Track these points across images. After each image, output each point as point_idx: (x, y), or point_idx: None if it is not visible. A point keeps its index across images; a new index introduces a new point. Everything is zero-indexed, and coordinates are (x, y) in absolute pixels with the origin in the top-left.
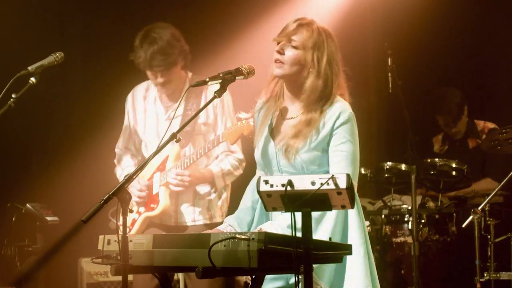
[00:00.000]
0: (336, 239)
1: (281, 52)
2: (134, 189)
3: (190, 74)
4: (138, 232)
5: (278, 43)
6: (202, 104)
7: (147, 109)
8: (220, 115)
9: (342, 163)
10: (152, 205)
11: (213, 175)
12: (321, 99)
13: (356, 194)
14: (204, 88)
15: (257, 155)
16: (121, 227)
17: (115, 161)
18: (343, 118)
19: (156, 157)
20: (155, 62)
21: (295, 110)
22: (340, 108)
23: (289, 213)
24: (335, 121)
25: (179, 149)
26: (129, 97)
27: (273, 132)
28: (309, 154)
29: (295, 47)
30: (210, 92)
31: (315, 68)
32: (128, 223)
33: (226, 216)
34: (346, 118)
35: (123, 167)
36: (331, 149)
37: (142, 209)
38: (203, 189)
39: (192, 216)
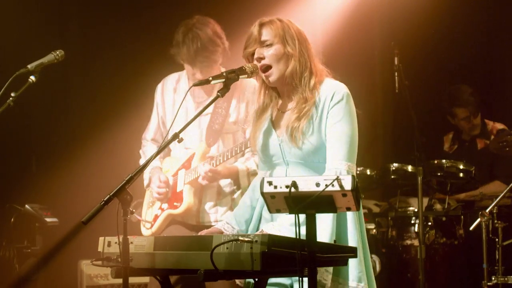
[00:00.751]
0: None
1: (261, 57)
2: (154, 185)
3: (223, 69)
4: (160, 228)
5: (251, 55)
6: (234, 101)
7: (176, 102)
8: (251, 114)
9: (336, 144)
10: (175, 203)
11: (238, 172)
12: (305, 78)
13: None
14: (236, 85)
15: (258, 150)
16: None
17: (141, 151)
18: (337, 98)
19: (183, 153)
20: (199, 59)
21: (291, 103)
22: (334, 87)
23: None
24: (330, 101)
25: (205, 147)
26: (159, 88)
27: (274, 125)
28: (315, 136)
29: (270, 45)
30: (242, 89)
31: (293, 52)
32: (151, 218)
33: None
34: (340, 97)
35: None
36: (326, 130)
37: (165, 205)
38: (227, 188)
39: (215, 216)
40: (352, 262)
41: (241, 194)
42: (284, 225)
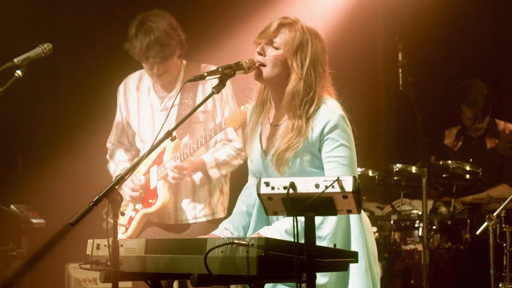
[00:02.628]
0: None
1: (262, 53)
2: (126, 187)
3: (184, 61)
4: (136, 231)
5: (258, 45)
6: (199, 94)
7: (140, 99)
8: (219, 102)
9: (337, 169)
10: (150, 200)
11: (205, 165)
12: (306, 104)
13: None
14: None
15: (251, 165)
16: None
17: (107, 156)
18: (332, 123)
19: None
20: (151, 53)
21: (281, 116)
22: (328, 112)
23: (286, 217)
24: (324, 127)
25: (176, 140)
26: (121, 87)
27: (261, 140)
28: (300, 166)
29: (276, 48)
30: (207, 82)
31: (298, 71)
32: (125, 221)
33: (228, 211)
34: (336, 122)
35: (117, 162)
36: (323, 156)
37: (139, 205)
38: (202, 183)
39: (192, 213)
40: (356, 271)
41: (218, 188)
42: (279, 230)
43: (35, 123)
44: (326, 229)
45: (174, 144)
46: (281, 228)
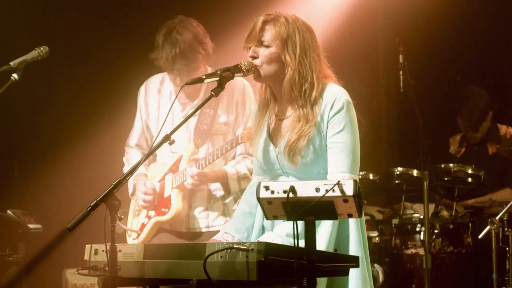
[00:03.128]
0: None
1: (255, 56)
2: (139, 192)
3: (209, 69)
4: (148, 237)
5: (249, 49)
6: (224, 100)
7: (161, 104)
8: (241, 116)
9: (338, 155)
10: (163, 209)
11: (227, 176)
12: (306, 92)
13: None
14: (226, 86)
15: (259, 159)
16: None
17: (124, 159)
18: (337, 106)
19: (170, 155)
20: (176, 66)
21: (286, 110)
22: (334, 96)
23: (287, 221)
24: (329, 111)
25: (193, 149)
26: (142, 90)
27: (271, 134)
28: (314, 154)
29: (267, 46)
30: (232, 89)
31: (291, 62)
32: (137, 227)
33: None
34: (340, 105)
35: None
36: (327, 141)
37: (152, 213)
38: (218, 192)
39: (206, 222)
40: (355, 275)
41: (234, 199)
42: (280, 235)
43: (32, 127)
44: (322, 232)
45: (190, 152)
46: (282, 232)
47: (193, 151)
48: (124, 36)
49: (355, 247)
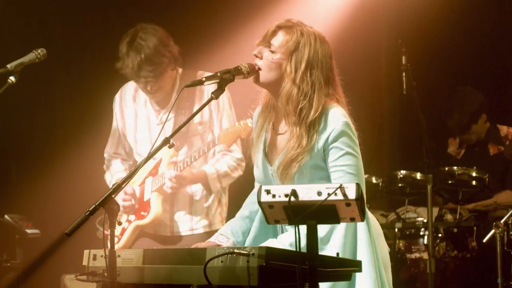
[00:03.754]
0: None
1: (258, 56)
2: (118, 198)
3: (180, 70)
4: (128, 242)
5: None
6: (196, 104)
7: (138, 112)
8: (216, 113)
9: (344, 178)
10: (142, 213)
11: (207, 176)
12: (302, 110)
13: (367, 210)
14: (197, 87)
15: (257, 174)
16: (109, 240)
17: (104, 166)
18: (336, 131)
19: (149, 161)
20: (143, 73)
21: (284, 124)
22: (332, 121)
23: (293, 230)
24: (328, 136)
25: (173, 152)
26: (117, 97)
27: (266, 151)
28: (306, 179)
29: (273, 52)
30: (204, 90)
31: (291, 75)
32: (117, 232)
33: (226, 221)
34: (340, 130)
35: (113, 173)
36: (329, 166)
37: (132, 217)
38: (199, 194)
39: (189, 225)
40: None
41: (216, 200)
42: (283, 243)
43: (29, 131)
44: (335, 241)
45: (170, 155)
46: (286, 241)
47: (173, 154)
48: (121, 37)
49: (363, 251)
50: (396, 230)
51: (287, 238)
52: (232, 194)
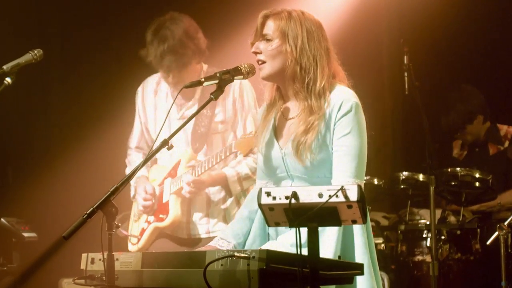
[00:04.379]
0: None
1: (257, 52)
2: (139, 196)
3: (205, 66)
4: (147, 243)
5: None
6: (219, 101)
7: (157, 106)
8: (240, 112)
9: (343, 159)
10: (161, 216)
11: (227, 179)
12: (308, 84)
13: None
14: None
15: (260, 161)
16: (133, 240)
17: (126, 161)
18: (345, 108)
19: (169, 158)
20: (165, 62)
21: (295, 109)
22: (342, 97)
23: (293, 231)
24: (337, 113)
25: (191, 153)
26: (139, 91)
27: (276, 134)
28: (323, 152)
29: (269, 40)
30: (230, 88)
31: (292, 54)
32: (137, 232)
33: None
34: (348, 107)
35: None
36: (333, 143)
37: (151, 218)
38: (217, 196)
39: (206, 228)
40: (362, 281)
41: (235, 201)
42: (285, 245)
43: (26, 133)
44: (328, 239)
45: (188, 157)
46: (287, 242)
47: (191, 156)
48: (120, 38)
49: (361, 254)
50: (399, 232)
51: (287, 239)
52: None
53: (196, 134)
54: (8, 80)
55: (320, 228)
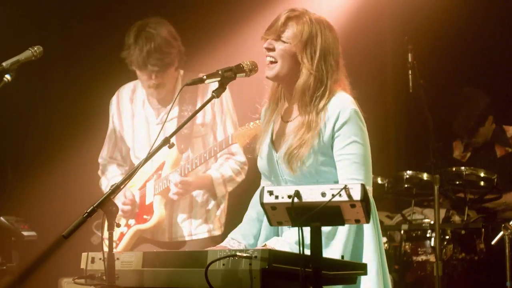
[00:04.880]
0: (347, 258)
1: (270, 48)
2: (118, 201)
3: (181, 72)
4: (127, 247)
5: (266, 41)
6: (199, 104)
7: (135, 113)
8: (219, 114)
9: (350, 167)
10: (145, 216)
11: (213, 181)
12: (316, 99)
13: (373, 205)
14: (199, 86)
15: (260, 164)
16: (107, 242)
17: (99, 172)
18: (343, 117)
19: (150, 163)
20: (151, 61)
21: (293, 112)
22: (339, 106)
23: (297, 228)
24: (335, 122)
25: (177, 154)
26: (114, 99)
27: (274, 138)
28: (314, 164)
29: (285, 42)
30: (206, 90)
31: (308, 65)
32: (116, 237)
33: (225, 227)
34: (347, 116)
35: (109, 178)
36: (335, 154)
37: (132, 221)
38: (200, 198)
39: (188, 230)
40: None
41: (217, 205)
42: (289, 242)
43: (26, 131)
44: (339, 238)
45: (174, 158)
46: (291, 239)
47: (177, 157)
48: (119, 36)
49: (371, 255)
50: (402, 232)
51: (293, 236)
52: (230, 198)
53: (180, 135)
54: (7, 77)
55: (332, 231)
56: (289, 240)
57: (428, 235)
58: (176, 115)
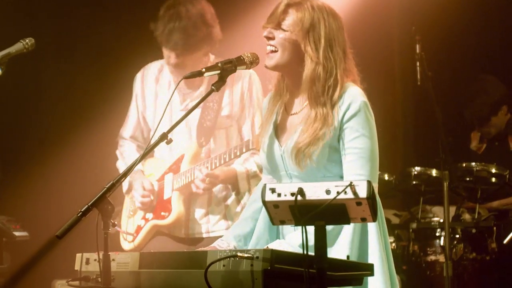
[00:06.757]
0: (352, 258)
1: (270, 37)
2: (136, 193)
3: (212, 57)
4: (144, 241)
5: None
6: (226, 95)
7: (158, 94)
8: (248, 107)
9: (356, 162)
10: (163, 213)
11: (237, 176)
12: (329, 89)
13: (379, 202)
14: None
15: (262, 158)
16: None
17: (117, 152)
18: (353, 109)
19: (169, 152)
20: (172, 38)
21: (298, 104)
22: (350, 98)
23: (299, 231)
24: (344, 113)
25: (196, 147)
26: (138, 77)
27: (277, 131)
28: (323, 160)
29: (285, 31)
30: (236, 77)
31: (313, 54)
32: (132, 229)
33: None
34: (357, 108)
35: (127, 162)
36: (342, 147)
37: (149, 215)
38: (220, 193)
39: (206, 227)
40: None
41: (236, 200)
42: (293, 245)
43: (17, 127)
44: (344, 237)
45: (194, 152)
46: (295, 242)
47: (197, 151)
48: (114, 26)
49: (377, 255)
50: (411, 231)
51: (296, 239)
52: None
53: (201, 128)
54: None
55: (335, 231)
56: (291, 243)
57: (437, 234)
58: (201, 109)
